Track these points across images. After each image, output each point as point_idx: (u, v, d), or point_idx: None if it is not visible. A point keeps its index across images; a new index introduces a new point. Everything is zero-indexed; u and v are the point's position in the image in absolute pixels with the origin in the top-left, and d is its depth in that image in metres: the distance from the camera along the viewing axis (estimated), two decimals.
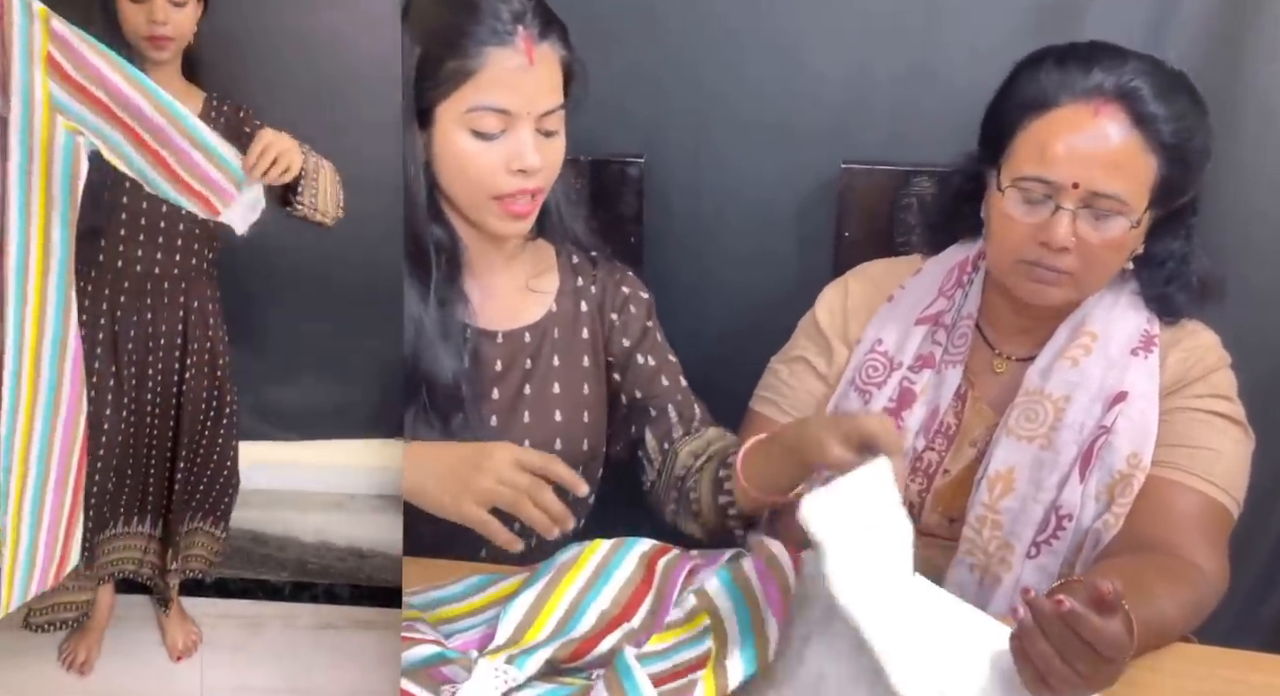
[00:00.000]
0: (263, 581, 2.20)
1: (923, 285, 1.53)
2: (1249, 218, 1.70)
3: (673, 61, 1.81)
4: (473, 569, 1.34)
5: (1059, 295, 1.39)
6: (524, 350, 1.42)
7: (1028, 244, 1.36)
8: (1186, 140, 1.33)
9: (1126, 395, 1.38)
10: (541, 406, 1.42)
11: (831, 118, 1.79)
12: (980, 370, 1.48)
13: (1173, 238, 1.41)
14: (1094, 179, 1.31)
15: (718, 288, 1.90)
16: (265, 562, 2.18)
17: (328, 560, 2.18)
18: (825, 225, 1.78)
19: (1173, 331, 1.44)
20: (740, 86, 1.81)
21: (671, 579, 1.24)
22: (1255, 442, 1.41)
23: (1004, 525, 1.39)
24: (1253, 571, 1.86)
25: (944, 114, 1.55)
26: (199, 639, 2.03)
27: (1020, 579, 1.38)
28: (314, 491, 2.20)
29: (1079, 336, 1.42)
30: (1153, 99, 1.31)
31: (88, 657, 1.96)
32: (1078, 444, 1.38)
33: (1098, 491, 1.37)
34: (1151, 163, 1.32)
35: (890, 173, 1.73)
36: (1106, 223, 1.33)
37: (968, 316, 1.47)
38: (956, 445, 1.46)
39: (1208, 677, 1.20)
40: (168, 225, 1.72)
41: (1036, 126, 1.34)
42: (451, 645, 1.17)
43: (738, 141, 1.83)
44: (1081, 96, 1.32)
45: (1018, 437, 1.39)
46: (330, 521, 2.18)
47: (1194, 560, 1.29)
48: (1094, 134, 1.32)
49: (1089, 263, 1.35)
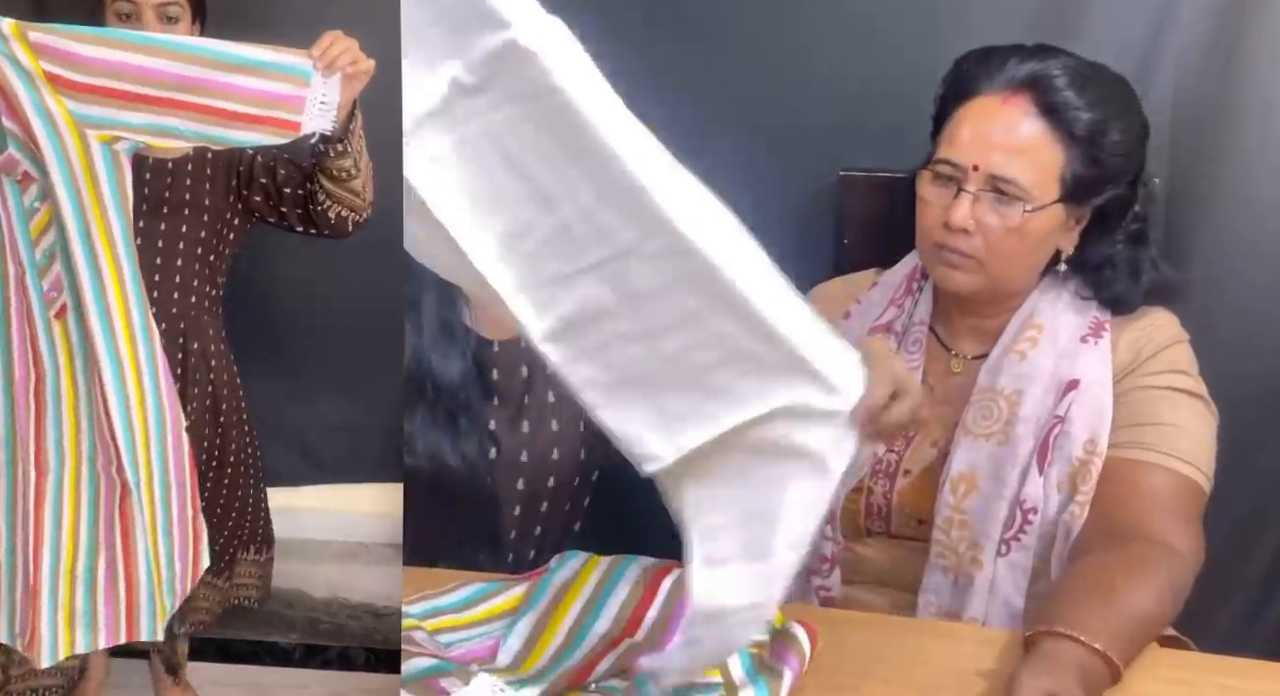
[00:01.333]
0: (270, 644, 2.11)
1: (875, 298, 1.54)
2: (1245, 212, 1.71)
3: (668, 67, 1.81)
4: (471, 577, 1.34)
5: (965, 280, 1.40)
6: (520, 358, 1.43)
7: (937, 227, 1.38)
8: (1100, 133, 1.34)
9: (1079, 383, 1.37)
10: (539, 416, 1.42)
11: (829, 125, 1.80)
12: (938, 372, 1.49)
13: (1108, 243, 1.41)
14: (993, 162, 1.34)
15: None
16: (272, 621, 2.09)
17: (340, 618, 2.10)
18: (824, 232, 1.79)
19: (1124, 316, 1.43)
20: (737, 93, 1.81)
21: (681, 601, 1.23)
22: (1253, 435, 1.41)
23: (971, 525, 1.39)
24: (1251, 580, 1.81)
25: None
26: None
27: (993, 577, 1.38)
28: (325, 540, 2.11)
29: (1026, 329, 1.42)
30: (1065, 88, 1.34)
31: None
32: (1034, 436, 1.38)
33: (1059, 481, 1.36)
34: (1058, 153, 1.34)
35: (888, 179, 1.72)
36: (1008, 207, 1.35)
37: (920, 322, 1.49)
38: (916, 446, 1.46)
39: (1205, 685, 1.19)
40: (164, 261, 1.67)
41: (958, 115, 1.39)
42: (449, 655, 1.17)
43: (735, 148, 1.82)
44: (997, 87, 1.37)
45: (975, 436, 1.40)
46: (343, 574, 2.10)
47: (1166, 541, 1.28)
48: (1000, 120, 1.35)
49: (993, 248, 1.37)
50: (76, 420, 1.30)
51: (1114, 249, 1.42)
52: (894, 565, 1.47)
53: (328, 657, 2.11)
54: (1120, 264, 1.42)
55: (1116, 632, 1.15)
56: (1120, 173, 1.38)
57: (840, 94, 1.80)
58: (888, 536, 1.48)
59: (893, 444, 1.45)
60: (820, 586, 1.46)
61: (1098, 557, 1.28)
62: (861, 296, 1.56)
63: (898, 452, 1.46)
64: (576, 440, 1.44)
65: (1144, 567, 1.24)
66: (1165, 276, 1.44)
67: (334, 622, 2.13)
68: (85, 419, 1.30)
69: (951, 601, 1.41)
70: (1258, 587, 1.84)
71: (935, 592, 1.42)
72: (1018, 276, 1.42)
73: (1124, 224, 1.42)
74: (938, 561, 1.41)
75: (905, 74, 1.74)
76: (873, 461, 1.45)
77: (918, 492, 1.45)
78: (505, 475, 1.40)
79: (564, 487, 1.44)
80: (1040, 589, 1.38)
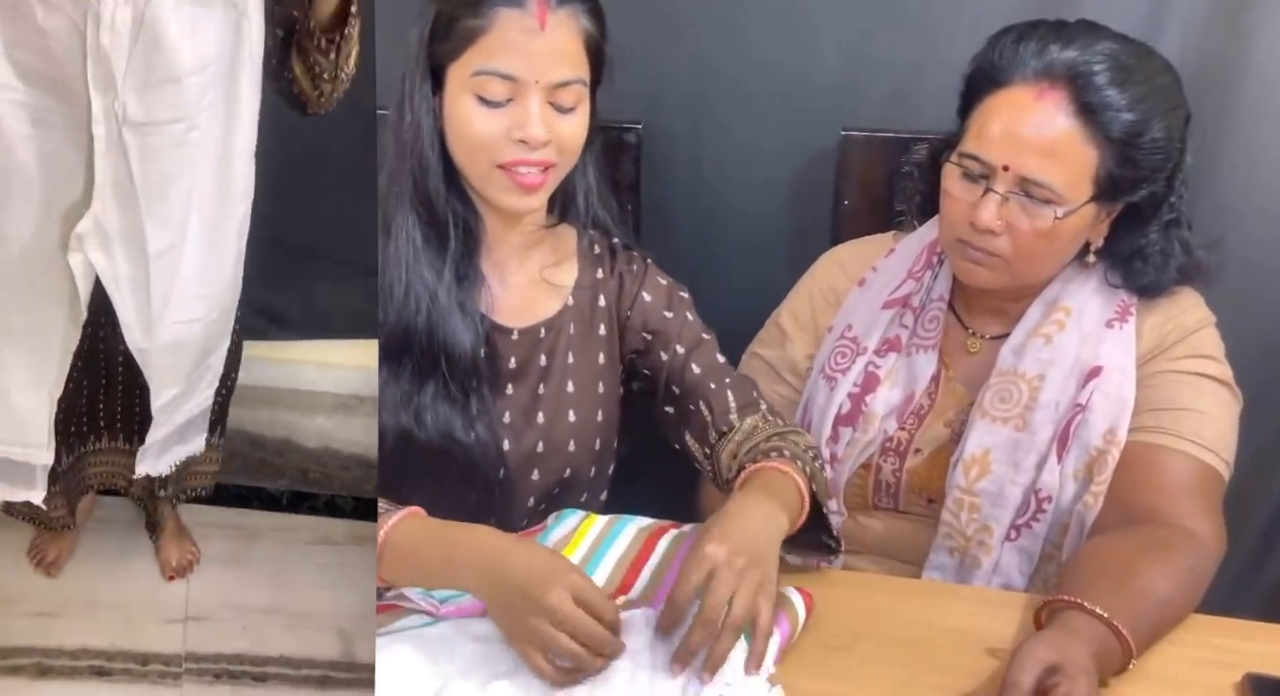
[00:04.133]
0: (258, 489, 2.09)
1: (893, 267, 1.50)
2: (1248, 189, 1.69)
3: (672, 28, 1.80)
4: None
5: (989, 278, 1.36)
6: (539, 347, 1.38)
7: (962, 223, 1.33)
8: (1138, 134, 1.28)
9: (1101, 370, 1.35)
10: (556, 406, 1.38)
11: (831, 85, 1.78)
12: (954, 350, 1.46)
13: (1139, 234, 1.36)
14: (1025, 164, 1.28)
15: (716, 256, 1.89)
16: (262, 469, 2.07)
17: (330, 469, 2.09)
18: (825, 193, 1.77)
19: (1150, 299, 1.40)
20: (740, 53, 1.79)
21: (676, 560, 1.24)
22: (1249, 406, 1.39)
23: (981, 508, 1.37)
24: (1248, 540, 1.84)
25: (944, 81, 1.52)
26: (196, 558, 1.98)
27: (999, 561, 1.38)
28: (320, 391, 2.07)
29: (1053, 312, 1.39)
30: (1105, 86, 1.26)
31: (57, 558, 1.92)
32: (1054, 423, 1.35)
33: (1076, 470, 1.35)
34: (1092, 154, 1.28)
35: (890, 140, 1.71)
36: (1038, 210, 1.29)
37: (938, 298, 1.45)
38: (928, 423, 1.44)
39: (1200, 646, 1.19)
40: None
41: (987, 103, 1.32)
42: (444, 611, 1.17)
43: (736, 108, 1.81)
44: (1031, 77, 1.29)
45: (992, 419, 1.37)
46: (336, 425, 2.07)
47: (1187, 526, 1.26)
48: (1033, 118, 1.28)
49: (1020, 249, 1.32)
50: None
51: (1146, 239, 1.36)
52: (896, 537, 1.45)
53: (315, 505, 2.09)
54: (1152, 254, 1.37)
55: (1133, 611, 1.13)
56: (1157, 170, 1.32)
57: (842, 56, 1.77)
58: (895, 512, 1.46)
59: (905, 422, 1.44)
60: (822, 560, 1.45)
61: (1116, 538, 1.26)
62: (878, 264, 1.52)
63: (908, 430, 1.44)
64: (594, 432, 1.40)
65: (1164, 551, 1.22)
66: (1197, 259, 1.39)
67: (324, 472, 2.09)
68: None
69: (955, 580, 1.41)
70: (1255, 549, 1.85)
71: (939, 570, 1.41)
72: (1044, 273, 1.39)
73: (1158, 216, 1.36)
74: (944, 542, 1.40)
75: (907, 35, 1.74)
76: (882, 439, 1.44)
77: (929, 472, 1.43)
78: (520, 466, 1.36)
79: (580, 479, 1.41)
80: (1049, 572, 1.38)
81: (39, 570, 1.91)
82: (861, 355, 1.46)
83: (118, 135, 1.28)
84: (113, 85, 1.25)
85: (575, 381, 1.39)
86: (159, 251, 1.37)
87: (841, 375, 1.46)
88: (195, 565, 1.97)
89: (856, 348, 1.46)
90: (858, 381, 1.45)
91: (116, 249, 1.35)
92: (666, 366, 1.40)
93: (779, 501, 1.20)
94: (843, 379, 1.45)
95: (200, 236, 1.41)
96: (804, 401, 1.50)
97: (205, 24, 1.28)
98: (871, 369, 1.45)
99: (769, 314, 1.60)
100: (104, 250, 1.35)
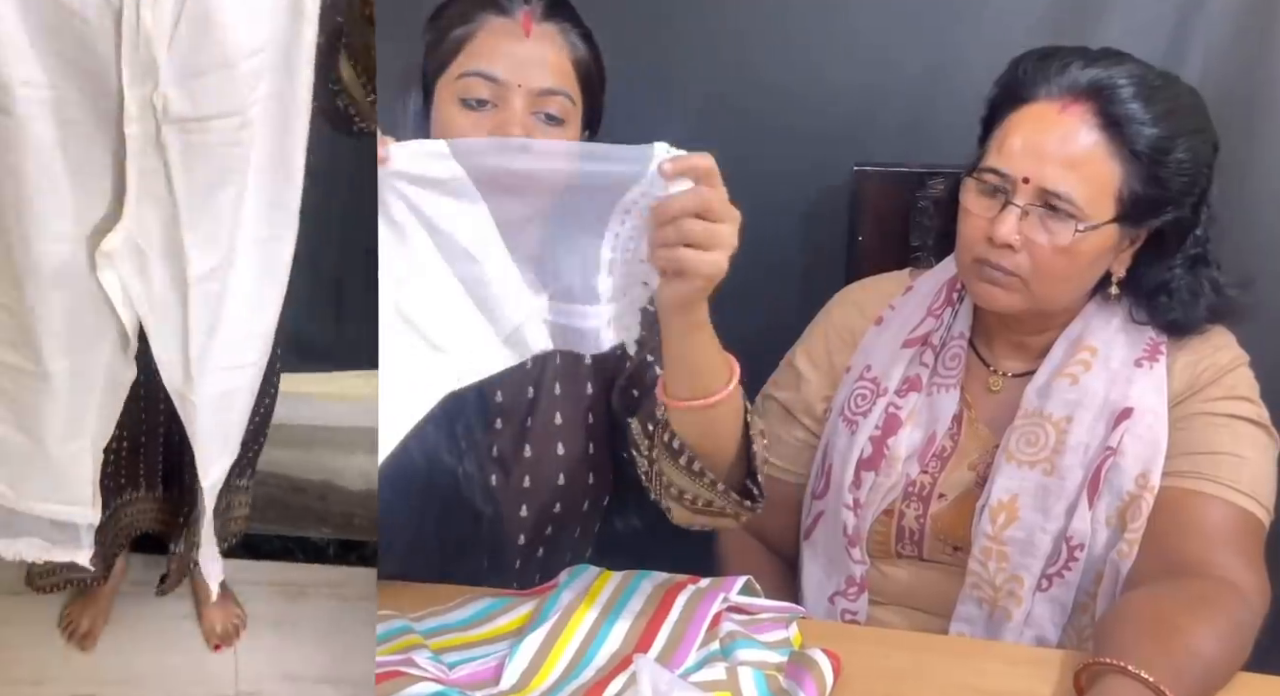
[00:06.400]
0: (301, 539, 1.93)
1: (911, 305, 1.47)
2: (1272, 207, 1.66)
3: (684, 61, 1.80)
4: (457, 591, 1.28)
5: (1007, 299, 1.33)
6: (526, 378, 1.36)
7: (980, 241, 1.31)
8: (1164, 150, 1.26)
9: (1132, 411, 1.31)
10: (544, 439, 1.36)
11: (844, 119, 1.76)
12: (977, 390, 1.42)
13: (1164, 267, 1.33)
14: (1045, 175, 1.26)
15: (728, 290, 1.86)
16: (304, 516, 1.95)
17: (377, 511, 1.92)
18: (838, 228, 1.75)
19: (1180, 337, 1.36)
20: (752, 86, 1.78)
21: (696, 618, 1.20)
22: None
23: (1010, 556, 1.32)
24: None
25: (959, 114, 1.51)
26: (243, 622, 1.79)
27: (1031, 612, 1.33)
28: (358, 427, 1.92)
29: (1078, 351, 1.35)
30: (1130, 99, 1.26)
31: (91, 628, 1.73)
32: (1084, 467, 1.31)
33: (1108, 516, 1.31)
34: (1117, 168, 1.27)
35: (904, 174, 1.68)
36: (1058, 225, 1.27)
37: (959, 335, 1.42)
38: (951, 466, 1.40)
39: None
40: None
41: (1009, 120, 1.31)
42: (454, 677, 1.13)
43: (749, 142, 1.78)
44: (1055, 93, 1.28)
45: (1019, 463, 1.33)
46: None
47: (1229, 578, 1.22)
48: (1056, 131, 1.27)
49: (1039, 267, 1.29)
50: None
51: (1170, 273, 1.34)
52: (922, 587, 1.41)
53: (364, 554, 1.91)
54: (1178, 290, 1.34)
55: (1180, 674, 1.08)
56: (1183, 194, 1.30)
57: (855, 88, 1.76)
58: (919, 560, 1.42)
59: (928, 465, 1.40)
60: (845, 610, 1.41)
61: (1156, 593, 1.22)
62: (896, 302, 1.49)
63: (931, 474, 1.40)
64: (585, 464, 1.38)
65: (1209, 607, 1.18)
66: (1228, 298, 1.36)
67: (370, 516, 1.92)
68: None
69: (985, 633, 1.36)
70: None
71: (968, 622, 1.36)
72: (1063, 297, 1.35)
73: (1183, 248, 1.34)
74: (972, 592, 1.35)
75: (922, 67, 1.74)
76: (905, 483, 1.40)
77: (954, 518, 1.38)
78: (509, 501, 1.34)
79: (571, 514, 1.38)
80: (1083, 623, 1.33)
81: (72, 643, 1.73)
82: (882, 396, 1.42)
83: (154, 133, 1.10)
84: (152, 73, 1.07)
85: (563, 413, 1.37)
86: (201, 275, 1.18)
87: (862, 417, 1.42)
88: (242, 630, 1.79)
89: (877, 388, 1.43)
90: (879, 423, 1.41)
91: (153, 270, 1.17)
92: (634, 371, 1.35)
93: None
94: (864, 421, 1.41)
95: (251, 259, 1.21)
96: (823, 445, 1.46)
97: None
98: (892, 410, 1.41)
99: (781, 350, 1.57)
100: (138, 271, 1.16)
